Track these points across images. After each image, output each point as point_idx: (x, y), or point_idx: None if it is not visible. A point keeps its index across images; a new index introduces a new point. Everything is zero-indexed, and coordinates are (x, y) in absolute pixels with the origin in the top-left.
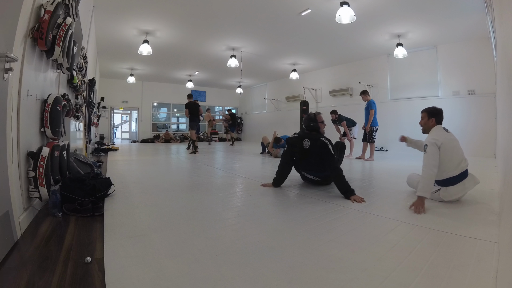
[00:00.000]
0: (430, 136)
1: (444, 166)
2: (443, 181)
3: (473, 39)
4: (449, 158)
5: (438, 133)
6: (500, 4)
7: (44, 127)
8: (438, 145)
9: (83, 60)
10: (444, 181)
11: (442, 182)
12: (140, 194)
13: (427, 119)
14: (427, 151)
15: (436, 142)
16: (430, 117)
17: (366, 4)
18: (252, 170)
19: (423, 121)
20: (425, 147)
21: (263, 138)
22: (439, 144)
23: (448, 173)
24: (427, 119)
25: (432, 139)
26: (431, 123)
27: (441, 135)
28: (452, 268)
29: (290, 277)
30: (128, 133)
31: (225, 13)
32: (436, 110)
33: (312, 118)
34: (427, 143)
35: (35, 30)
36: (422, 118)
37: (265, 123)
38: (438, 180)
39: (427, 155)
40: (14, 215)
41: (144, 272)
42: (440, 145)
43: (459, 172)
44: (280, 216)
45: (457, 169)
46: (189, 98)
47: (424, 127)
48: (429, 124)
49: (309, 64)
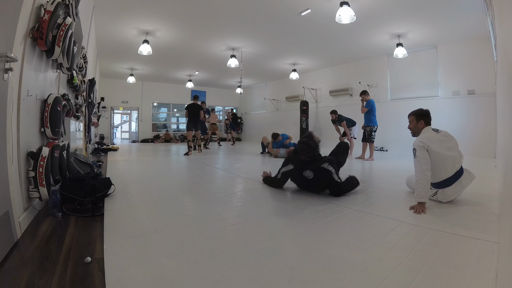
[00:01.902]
0: (418, 139)
1: (437, 168)
2: (438, 184)
3: (473, 39)
4: (441, 161)
5: (426, 135)
6: (500, 4)
7: (44, 127)
8: (426, 147)
9: (83, 60)
10: (440, 184)
11: (438, 185)
12: (140, 194)
13: (416, 122)
14: (417, 156)
15: (423, 145)
16: (419, 119)
17: (366, 4)
18: (252, 170)
19: (412, 125)
20: (414, 151)
21: (263, 138)
22: (426, 146)
23: (443, 175)
24: (415, 122)
25: (420, 142)
26: (421, 125)
27: (428, 137)
28: (452, 268)
29: (290, 277)
30: (128, 133)
31: (225, 13)
32: (424, 112)
33: (313, 147)
34: (416, 147)
35: (35, 30)
36: (410, 122)
37: (265, 123)
38: (434, 183)
39: (418, 160)
40: (14, 215)
41: (144, 272)
42: (428, 148)
43: (454, 172)
44: (280, 216)
45: (452, 169)
46: (193, 100)
47: (414, 130)
48: (418, 126)
49: (309, 64)
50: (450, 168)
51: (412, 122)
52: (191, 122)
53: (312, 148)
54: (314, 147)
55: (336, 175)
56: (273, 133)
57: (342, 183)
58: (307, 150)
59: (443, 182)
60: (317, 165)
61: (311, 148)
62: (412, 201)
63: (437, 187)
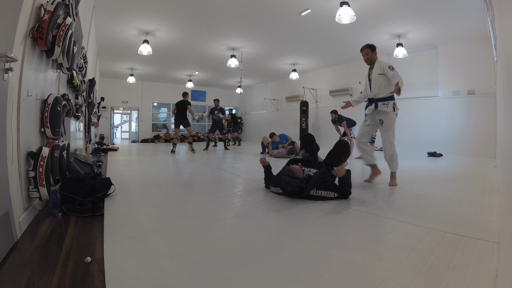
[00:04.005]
0: (395, 112)
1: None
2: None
3: (473, 39)
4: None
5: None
6: (500, 4)
7: (44, 127)
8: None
9: (83, 60)
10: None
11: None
12: (140, 194)
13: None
14: (393, 127)
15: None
16: (373, 50)
17: (366, 4)
18: (252, 170)
19: (367, 57)
20: (392, 121)
21: (263, 138)
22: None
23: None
24: (371, 54)
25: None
26: (375, 56)
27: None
28: (452, 268)
29: (290, 277)
30: (128, 133)
31: (225, 13)
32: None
33: (296, 185)
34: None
35: (35, 30)
36: (366, 55)
37: (265, 123)
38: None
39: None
40: (14, 215)
41: (144, 272)
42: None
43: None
44: (280, 216)
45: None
46: (183, 96)
47: (370, 60)
48: (373, 57)
49: (309, 64)
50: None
51: (367, 54)
52: (177, 119)
53: (297, 185)
54: (298, 184)
55: (329, 191)
56: (270, 133)
57: (341, 189)
58: (293, 187)
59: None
60: (306, 193)
61: (296, 186)
62: (412, 201)
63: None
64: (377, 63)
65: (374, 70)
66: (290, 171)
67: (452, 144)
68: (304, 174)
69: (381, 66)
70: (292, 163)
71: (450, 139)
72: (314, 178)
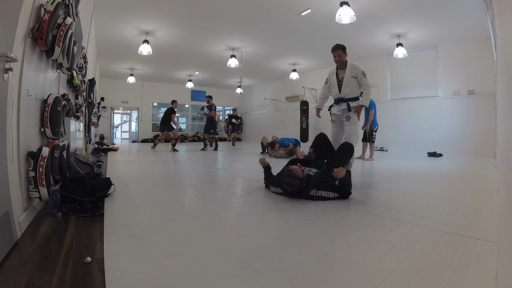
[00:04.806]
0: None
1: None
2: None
3: (473, 39)
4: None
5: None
6: (500, 4)
7: (44, 127)
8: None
9: (83, 60)
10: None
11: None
12: (140, 194)
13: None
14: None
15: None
16: (345, 51)
17: (366, 4)
18: (252, 170)
19: (339, 58)
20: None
21: (263, 138)
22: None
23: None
24: (343, 56)
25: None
26: (346, 57)
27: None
28: (452, 268)
29: (290, 277)
30: (128, 133)
31: (225, 13)
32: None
33: (296, 185)
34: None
35: (35, 30)
36: (338, 56)
37: (265, 123)
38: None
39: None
40: (14, 215)
41: (144, 272)
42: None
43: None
44: (280, 216)
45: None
46: (171, 104)
47: (342, 61)
48: (345, 58)
49: (309, 64)
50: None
51: (340, 56)
52: (161, 124)
53: (297, 185)
54: (299, 184)
55: (330, 192)
56: (271, 142)
57: (341, 189)
58: (293, 187)
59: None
60: (306, 193)
61: (296, 186)
62: (412, 201)
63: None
64: (348, 64)
65: (347, 72)
66: (290, 171)
67: (452, 144)
68: (304, 174)
69: (355, 70)
70: (291, 164)
71: (450, 139)
72: (314, 178)
